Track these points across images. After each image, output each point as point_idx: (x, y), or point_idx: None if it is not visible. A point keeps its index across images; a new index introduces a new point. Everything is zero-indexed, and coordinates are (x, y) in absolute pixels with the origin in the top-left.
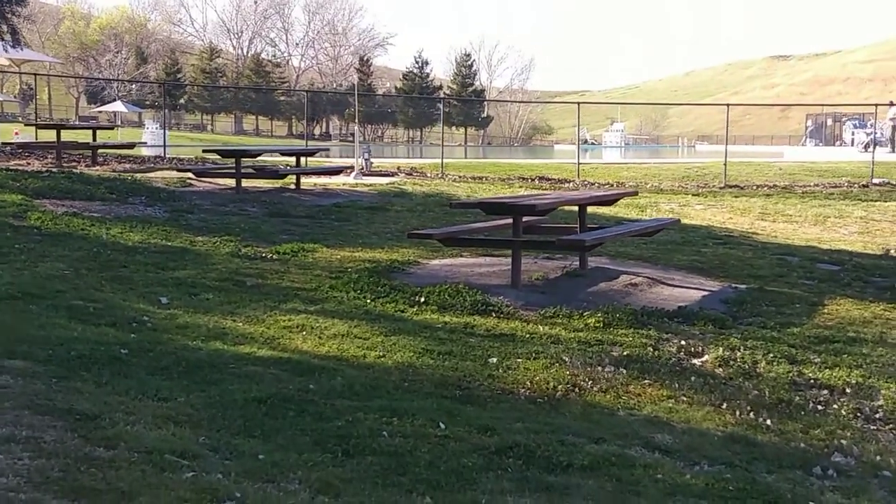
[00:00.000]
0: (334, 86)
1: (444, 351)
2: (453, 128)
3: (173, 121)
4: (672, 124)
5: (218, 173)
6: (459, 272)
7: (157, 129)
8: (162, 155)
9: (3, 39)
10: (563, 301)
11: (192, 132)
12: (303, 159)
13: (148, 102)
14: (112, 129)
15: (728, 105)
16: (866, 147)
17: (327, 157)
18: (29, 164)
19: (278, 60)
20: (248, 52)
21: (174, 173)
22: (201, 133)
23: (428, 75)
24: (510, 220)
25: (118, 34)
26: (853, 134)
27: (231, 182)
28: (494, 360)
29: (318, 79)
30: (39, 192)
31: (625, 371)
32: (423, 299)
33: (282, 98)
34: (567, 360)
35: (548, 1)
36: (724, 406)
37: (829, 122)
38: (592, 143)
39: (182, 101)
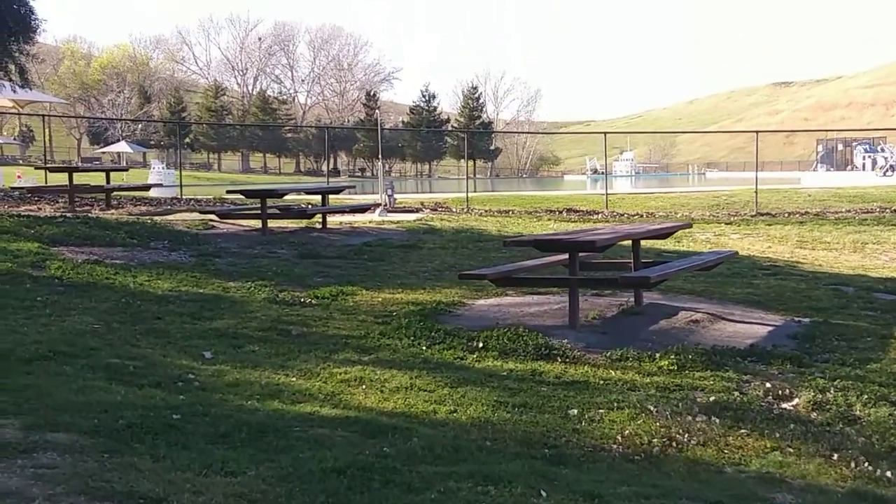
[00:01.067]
0: (341, 121)
1: (519, 403)
2: (462, 160)
3: (178, 161)
4: (679, 152)
5: (243, 214)
6: (509, 313)
7: (163, 168)
8: (178, 196)
9: (10, 80)
10: (626, 342)
11: (199, 171)
12: (328, 197)
13: (153, 142)
14: (126, 170)
15: (757, 132)
16: (885, 172)
17: (347, 194)
18: (40, 209)
19: (284, 97)
20: (253, 90)
21: (195, 215)
22: (208, 172)
23: (435, 109)
24: (561, 257)
25: (120, 73)
26: (864, 159)
27: (255, 223)
28: (575, 411)
29: (325, 115)
30: (56, 240)
31: (718, 420)
32: (481, 344)
33: (289, 135)
34: (653, 409)
35: (549, 33)
36: (836, 457)
37: (840, 146)
38: (602, 173)
39: (188, 140)
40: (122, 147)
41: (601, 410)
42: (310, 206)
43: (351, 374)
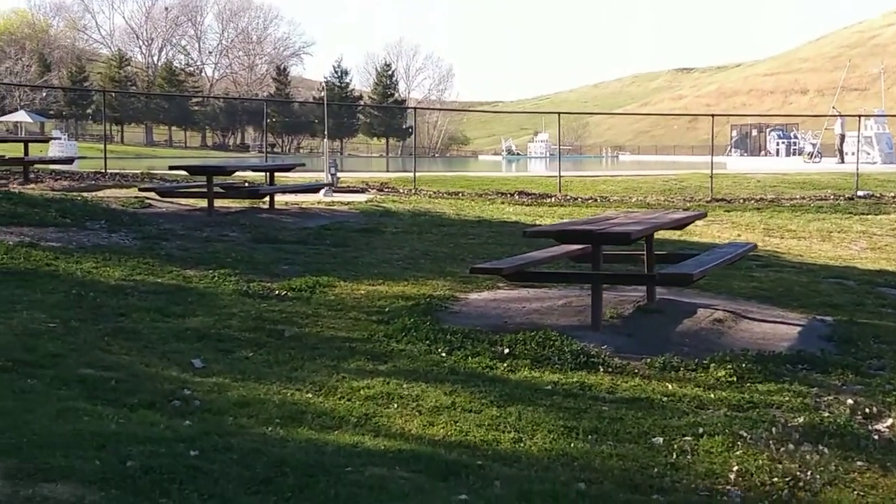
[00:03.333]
0: (250, 96)
1: (588, 428)
2: (374, 138)
3: (79, 131)
4: (590, 134)
5: (188, 193)
6: (512, 309)
7: (65, 140)
8: (102, 171)
9: None
10: (659, 346)
11: (100, 143)
12: (276, 176)
13: (53, 112)
14: (46, 141)
15: (713, 115)
16: (811, 157)
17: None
18: None
19: (191, 69)
20: (158, 61)
21: (127, 192)
22: (110, 144)
23: (348, 85)
24: (568, 249)
25: (17, 40)
26: (778, 144)
27: (197, 202)
28: (659, 440)
29: (233, 88)
30: None
31: (826, 450)
32: (507, 350)
33: (196, 108)
34: (746, 435)
35: (458, 14)
36: None
37: (755, 132)
38: (517, 154)
39: (90, 110)
40: (22, 117)
41: (687, 438)
42: (264, 185)
43: (375, 389)
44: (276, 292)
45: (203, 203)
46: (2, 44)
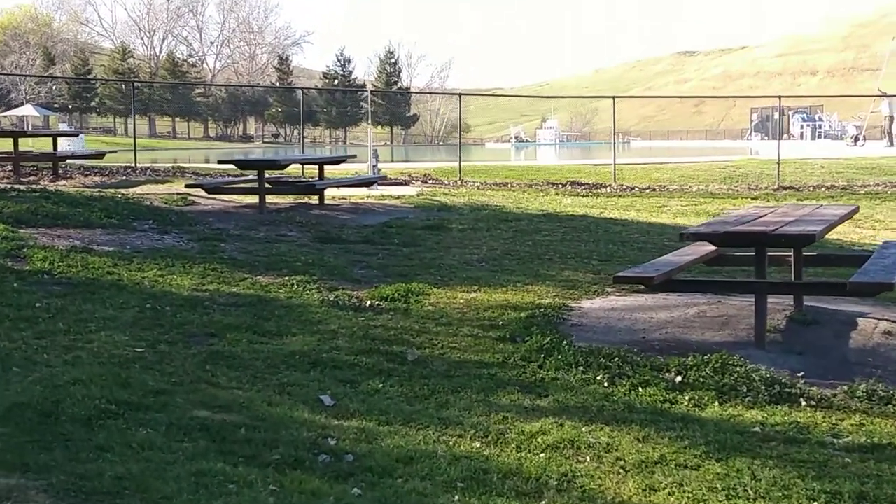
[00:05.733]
0: (251, 85)
1: (854, 493)
2: (379, 126)
3: (81, 125)
4: (600, 120)
5: (238, 189)
6: (638, 320)
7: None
8: (132, 165)
9: None
10: (844, 369)
11: (103, 136)
12: (326, 169)
13: (58, 105)
14: (76, 135)
15: (780, 97)
16: (856, 140)
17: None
18: None
19: (193, 60)
20: (160, 52)
21: (166, 188)
22: (114, 136)
23: (351, 73)
24: (705, 250)
25: (21, 34)
26: (802, 127)
27: (241, 198)
28: None
29: (234, 78)
30: (21, 219)
31: None
32: (678, 378)
33: (199, 99)
34: None
35: (455, 3)
36: None
37: (776, 115)
38: (526, 141)
39: (94, 103)
40: (28, 111)
41: None
42: (318, 180)
43: (552, 436)
44: (368, 303)
45: (248, 199)
46: (6, 39)
